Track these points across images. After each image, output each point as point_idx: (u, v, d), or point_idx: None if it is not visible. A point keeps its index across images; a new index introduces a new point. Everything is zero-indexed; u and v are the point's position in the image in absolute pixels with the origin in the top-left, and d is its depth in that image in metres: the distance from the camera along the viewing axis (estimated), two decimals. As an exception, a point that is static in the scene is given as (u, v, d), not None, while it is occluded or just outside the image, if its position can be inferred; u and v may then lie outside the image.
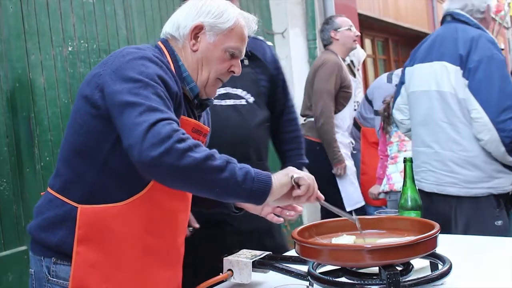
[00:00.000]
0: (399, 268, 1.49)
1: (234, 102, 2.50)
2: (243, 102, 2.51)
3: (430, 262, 1.65)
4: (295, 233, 1.59)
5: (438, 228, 1.51)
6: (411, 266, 1.55)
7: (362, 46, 7.66)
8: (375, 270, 1.50)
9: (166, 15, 3.93)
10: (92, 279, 1.58)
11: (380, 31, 9.79)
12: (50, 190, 1.67)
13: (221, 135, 2.18)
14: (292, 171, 1.60)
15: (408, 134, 3.20)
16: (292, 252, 1.92)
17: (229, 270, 1.82)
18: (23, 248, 3.03)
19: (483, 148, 2.70)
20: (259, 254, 1.86)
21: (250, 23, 1.78)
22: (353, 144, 4.41)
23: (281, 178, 1.57)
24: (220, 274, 1.82)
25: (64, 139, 1.68)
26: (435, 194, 2.86)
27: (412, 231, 1.63)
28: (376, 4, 8.62)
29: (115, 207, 1.59)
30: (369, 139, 4.67)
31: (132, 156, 1.44)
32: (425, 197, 2.94)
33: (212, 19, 1.71)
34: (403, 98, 3.14)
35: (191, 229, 2.32)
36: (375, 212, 1.98)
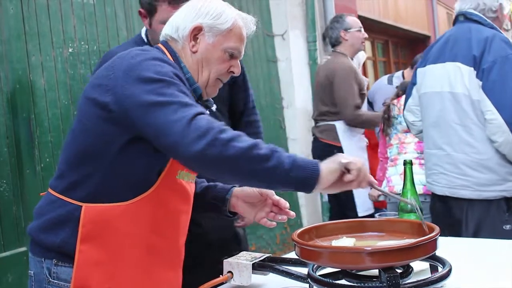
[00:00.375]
0: (399, 271, 1.49)
1: None
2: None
3: (430, 264, 1.65)
4: (295, 235, 1.59)
5: (438, 230, 1.52)
6: (411, 268, 1.55)
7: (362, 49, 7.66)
8: (375, 272, 1.50)
9: (166, 17, 3.94)
10: (95, 278, 1.58)
11: (380, 33, 9.79)
12: (51, 191, 1.67)
13: None
14: (340, 157, 1.57)
15: (420, 135, 3.15)
16: (292, 254, 1.92)
17: (229, 272, 1.82)
18: (23, 249, 3.04)
19: (497, 150, 2.67)
20: (259, 256, 1.86)
21: (248, 24, 1.79)
22: None
23: (329, 165, 1.54)
24: (220, 276, 1.82)
25: (68, 141, 1.68)
26: (448, 197, 2.84)
27: (412, 234, 1.63)
28: (376, 6, 8.63)
29: (120, 206, 1.59)
30: (369, 141, 4.67)
31: (175, 152, 1.47)
32: (436, 200, 2.94)
33: (210, 20, 1.72)
34: (414, 99, 3.09)
35: None
36: (375, 215, 1.98)
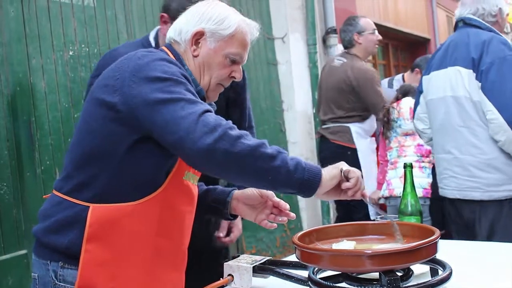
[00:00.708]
0: (399, 274, 1.49)
1: None
2: None
3: (430, 267, 1.65)
4: (295, 238, 1.60)
5: (438, 233, 1.52)
6: (411, 271, 1.55)
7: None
8: (376, 275, 1.50)
9: (166, 20, 3.94)
10: (99, 278, 1.58)
11: (380, 35, 9.79)
12: (57, 193, 1.67)
13: None
14: (341, 165, 1.61)
15: (431, 143, 3.16)
16: (292, 257, 1.92)
17: (229, 275, 1.82)
18: (23, 252, 3.03)
19: (502, 149, 2.69)
20: (260, 259, 1.86)
21: (252, 30, 1.79)
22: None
23: (330, 171, 1.58)
24: (221, 279, 1.82)
25: (74, 142, 1.68)
26: (459, 200, 2.85)
27: (412, 237, 1.64)
28: (376, 8, 8.63)
29: (127, 206, 1.60)
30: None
31: (183, 148, 1.48)
32: (448, 204, 2.94)
33: (213, 25, 1.73)
34: (422, 107, 3.13)
35: None
36: (376, 218, 1.98)
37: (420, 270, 1.69)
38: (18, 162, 3.07)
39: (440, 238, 1.51)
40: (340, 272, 1.57)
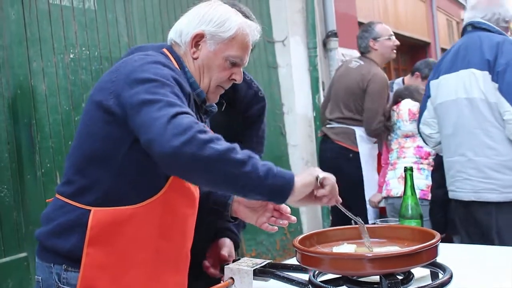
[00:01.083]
0: (400, 277, 1.50)
1: None
2: None
3: (431, 271, 1.65)
4: (296, 241, 1.60)
5: (438, 237, 1.52)
6: (411, 275, 1.55)
7: (362, 54, 7.67)
8: (376, 278, 1.50)
9: (167, 23, 3.95)
10: (101, 281, 1.59)
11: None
12: (59, 197, 1.67)
13: None
14: (316, 171, 1.57)
15: (438, 148, 3.15)
16: (293, 261, 1.92)
17: (230, 278, 1.82)
18: (23, 254, 3.03)
19: None
20: (260, 262, 1.86)
21: (253, 32, 1.78)
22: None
23: (304, 178, 1.54)
24: (221, 282, 1.82)
25: (74, 147, 1.68)
26: (473, 203, 2.83)
27: (413, 240, 1.64)
28: (376, 12, 8.64)
29: (128, 209, 1.60)
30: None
31: (152, 149, 1.44)
32: (461, 207, 2.92)
33: (213, 27, 1.72)
34: (429, 112, 3.11)
35: None
36: (376, 221, 1.98)
37: (421, 273, 1.69)
38: (19, 164, 3.07)
39: (440, 242, 1.52)
40: (340, 276, 1.57)
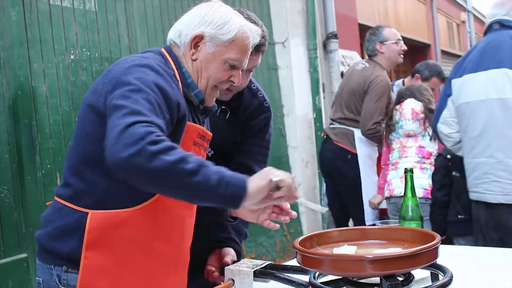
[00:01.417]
0: (400, 279, 1.50)
1: None
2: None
3: (431, 272, 1.65)
4: (296, 242, 1.60)
5: (439, 239, 1.52)
6: (412, 276, 1.55)
7: (363, 57, 7.68)
8: (376, 280, 1.50)
9: (168, 24, 3.94)
10: (100, 283, 1.59)
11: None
12: (58, 199, 1.67)
13: None
14: (270, 174, 1.55)
15: (456, 147, 3.10)
16: (293, 262, 1.92)
17: (230, 279, 1.82)
18: (23, 255, 3.03)
19: None
20: (260, 263, 1.86)
21: (254, 35, 1.77)
22: None
23: (258, 182, 1.52)
24: (222, 283, 1.82)
25: (70, 148, 1.69)
26: (501, 205, 2.78)
27: (413, 242, 1.64)
28: (377, 14, 8.66)
29: (125, 212, 1.60)
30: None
31: (106, 156, 1.44)
32: (484, 209, 2.87)
33: (213, 29, 1.71)
34: (449, 111, 3.03)
35: None
36: (377, 222, 1.98)
37: (421, 275, 1.69)
38: (19, 165, 3.08)
39: (440, 243, 1.52)
40: (341, 277, 1.57)
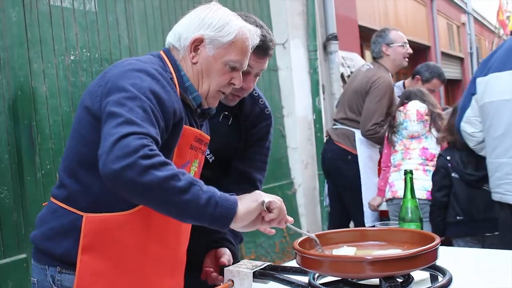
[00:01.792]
0: (400, 280, 1.50)
1: None
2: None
3: (430, 274, 1.65)
4: (296, 244, 1.60)
5: (438, 240, 1.52)
6: (411, 278, 1.55)
7: (363, 58, 7.69)
8: (376, 281, 1.50)
9: (168, 25, 3.96)
10: (97, 287, 1.58)
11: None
12: (53, 200, 1.67)
13: None
14: (261, 196, 1.56)
15: (478, 147, 3.07)
16: (292, 263, 1.92)
17: (229, 280, 1.82)
18: (23, 256, 3.03)
19: None
20: (260, 264, 1.86)
21: (253, 36, 1.77)
22: None
23: (249, 205, 1.53)
24: (221, 284, 1.82)
25: (67, 149, 1.69)
26: None
27: (413, 243, 1.64)
28: (377, 15, 8.67)
29: (120, 215, 1.59)
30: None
31: (98, 165, 1.43)
32: (506, 210, 2.84)
33: (213, 32, 1.70)
34: (473, 110, 3.00)
35: None
36: (377, 224, 1.98)
37: (420, 276, 1.69)
38: (19, 166, 3.08)
39: (440, 245, 1.52)
40: (340, 278, 1.57)
